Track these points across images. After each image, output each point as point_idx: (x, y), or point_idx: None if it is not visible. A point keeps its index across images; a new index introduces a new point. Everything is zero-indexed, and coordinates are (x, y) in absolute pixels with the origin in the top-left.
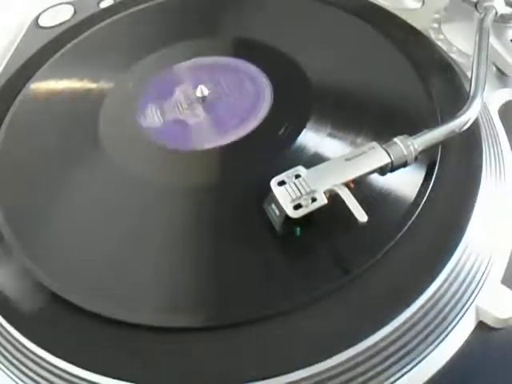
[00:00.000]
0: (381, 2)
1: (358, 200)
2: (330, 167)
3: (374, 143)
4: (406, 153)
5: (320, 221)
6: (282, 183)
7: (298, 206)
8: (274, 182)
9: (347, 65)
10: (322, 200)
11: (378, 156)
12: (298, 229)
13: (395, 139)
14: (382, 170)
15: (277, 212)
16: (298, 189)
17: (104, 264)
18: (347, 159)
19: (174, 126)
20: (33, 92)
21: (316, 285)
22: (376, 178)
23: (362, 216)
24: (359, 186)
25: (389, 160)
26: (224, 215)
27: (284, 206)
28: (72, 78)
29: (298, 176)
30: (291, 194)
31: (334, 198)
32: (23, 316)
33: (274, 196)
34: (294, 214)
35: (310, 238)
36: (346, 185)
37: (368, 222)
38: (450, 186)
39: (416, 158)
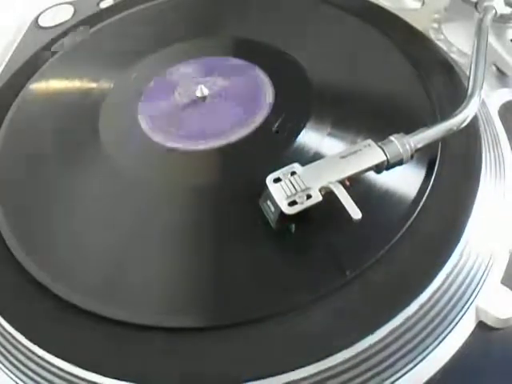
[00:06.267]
0: (381, 1)
1: (356, 198)
2: (325, 165)
3: (370, 141)
4: (401, 151)
5: (320, 220)
6: (277, 180)
7: (293, 203)
8: (269, 179)
9: (347, 64)
10: (317, 197)
11: (373, 154)
12: (293, 225)
13: (391, 137)
14: (378, 168)
15: (272, 208)
16: (294, 186)
17: (104, 264)
18: (342, 157)
19: (173, 127)
20: (33, 92)
21: (315, 284)
22: (376, 177)
23: (356, 213)
24: (359, 185)
25: (384, 158)
26: (224, 215)
27: (279, 203)
28: (72, 78)
29: (293, 173)
30: (286, 190)
31: (330, 195)
32: (23, 316)
33: (270, 193)
34: (289, 211)
35: (309, 238)
36: (342, 182)
37: (367, 221)
38: (450, 186)
39: (412, 157)
